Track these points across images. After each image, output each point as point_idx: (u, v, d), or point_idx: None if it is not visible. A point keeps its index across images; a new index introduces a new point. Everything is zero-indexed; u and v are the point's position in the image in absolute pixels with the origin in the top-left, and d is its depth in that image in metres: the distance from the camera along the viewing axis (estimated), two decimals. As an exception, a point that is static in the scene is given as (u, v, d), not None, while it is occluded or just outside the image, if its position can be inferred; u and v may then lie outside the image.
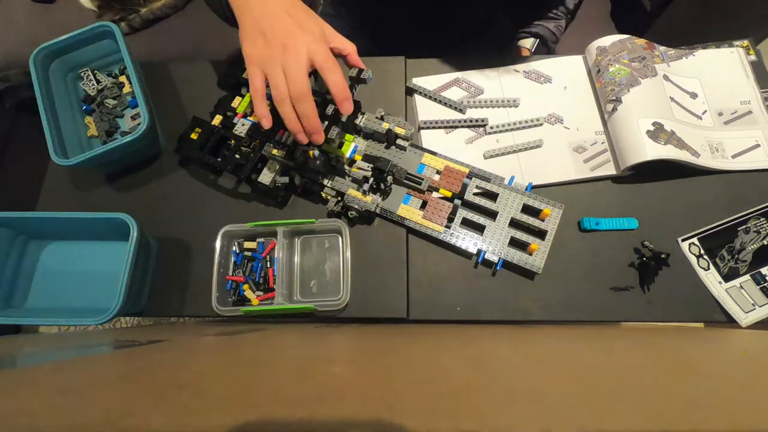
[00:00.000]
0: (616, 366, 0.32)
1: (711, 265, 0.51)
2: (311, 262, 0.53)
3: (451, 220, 0.51)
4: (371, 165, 0.52)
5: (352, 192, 0.51)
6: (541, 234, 0.50)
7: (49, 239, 0.55)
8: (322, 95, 0.52)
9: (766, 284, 0.50)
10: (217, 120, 0.55)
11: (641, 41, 0.59)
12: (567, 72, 0.61)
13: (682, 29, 0.61)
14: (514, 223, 0.51)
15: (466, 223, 0.52)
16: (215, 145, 0.54)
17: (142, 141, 0.52)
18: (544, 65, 0.61)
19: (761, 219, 0.52)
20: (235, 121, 0.55)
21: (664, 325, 0.60)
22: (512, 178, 0.53)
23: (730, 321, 0.49)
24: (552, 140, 0.57)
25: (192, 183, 0.57)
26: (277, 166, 0.52)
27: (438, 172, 0.53)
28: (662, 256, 0.50)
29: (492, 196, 0.52)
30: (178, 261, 0.54)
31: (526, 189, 0.52)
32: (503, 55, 0.71)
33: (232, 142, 0.54)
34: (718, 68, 0.59)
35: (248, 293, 0.51)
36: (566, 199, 0.54)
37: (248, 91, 0.56)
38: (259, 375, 0.28)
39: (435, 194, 0.53)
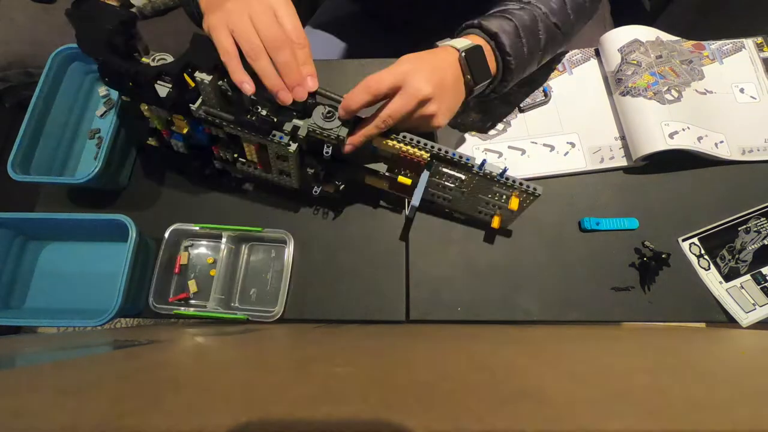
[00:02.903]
0: (616, 366, 0.32)
1: (711, 265, 0.51)
2: (255, 270, 0.53)
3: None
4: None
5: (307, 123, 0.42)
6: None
7: (48, 240, 0.55)
8: None
9: (766, 284, 0.50)
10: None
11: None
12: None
13: (682, 29, 0.61)
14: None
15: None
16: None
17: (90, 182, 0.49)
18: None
19: (762, 219, 0.52)
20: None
21: (665, 325, 0.60)
22: (484, 161, 0.44)
23: (730, 321, 0.49)
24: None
25: (191, 184, 0.57)
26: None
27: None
28: (663, 256, 0.50)
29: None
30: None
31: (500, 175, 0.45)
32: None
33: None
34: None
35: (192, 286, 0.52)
36: (567, 199, 0.54)
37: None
38: (259, 375, 0.28)
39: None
